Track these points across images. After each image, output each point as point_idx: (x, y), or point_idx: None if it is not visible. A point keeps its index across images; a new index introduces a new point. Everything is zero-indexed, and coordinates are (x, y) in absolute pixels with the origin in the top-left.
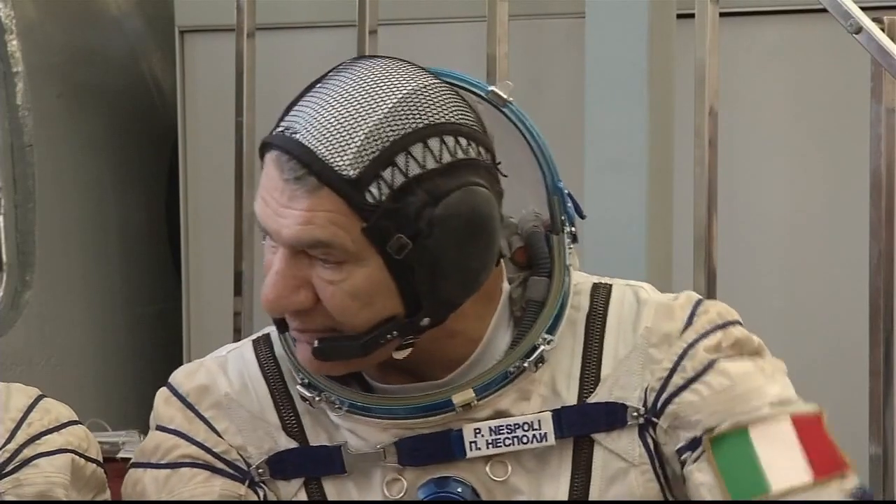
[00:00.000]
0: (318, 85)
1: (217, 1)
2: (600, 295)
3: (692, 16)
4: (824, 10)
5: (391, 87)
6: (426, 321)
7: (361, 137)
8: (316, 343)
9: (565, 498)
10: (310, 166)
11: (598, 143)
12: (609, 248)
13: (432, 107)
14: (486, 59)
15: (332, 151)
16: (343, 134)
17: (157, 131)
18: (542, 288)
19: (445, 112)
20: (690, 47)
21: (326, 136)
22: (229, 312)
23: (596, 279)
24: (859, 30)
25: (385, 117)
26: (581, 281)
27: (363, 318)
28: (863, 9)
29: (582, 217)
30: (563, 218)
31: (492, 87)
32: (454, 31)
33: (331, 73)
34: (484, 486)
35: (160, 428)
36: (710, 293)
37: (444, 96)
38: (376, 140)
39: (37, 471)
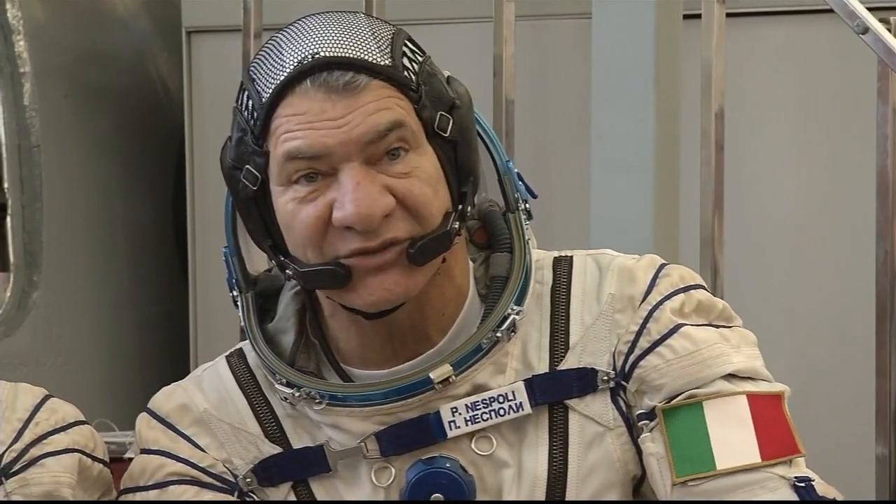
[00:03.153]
0: (284, 37)
1: (224, 1)
2: (562, 267)
3: (699, 16)
4: (831, 11)
5: (349, 14)
6: (469, 210)
7: (370, 37)
8: (411, 251)
9: (545, 465)
10: (354, 67)
11: (605, 143)
12: (615, 247)
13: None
14: (492, 59)
15: (363, 51)
16: (359, 36)
17: (163, 132)
18: (505, 262)
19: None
20: (697, 48)
21: (347, 43)
22: (236, 312)
23: (556, 253)
24: (866, 30)
25: (370, 25)
26: (542, 256)
27: (437, 207)
28: (869, 9)
29: (534, 197)
30: (516, 195)
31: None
32: (461, 32)
33: (282, 33)
34: (471, 462)
35: (144, 451)
36: (716, 293)
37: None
38: (382, 39)
39: (43, 470)
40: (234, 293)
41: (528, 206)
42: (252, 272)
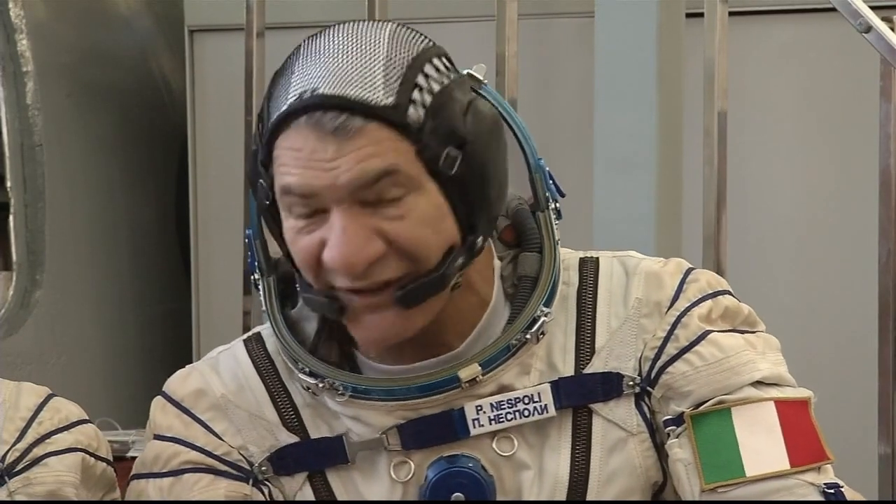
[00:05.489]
0: (301, 55)
1: (226, 1)
2: (588, 269)
3: (701, 15)
4: (834, 10)
5: (373, 29)
6: (480, 241)
7: (381, 70)
8: (398, 293)
9: (567, 469)
10: (349, 109)
11: (608, 141)
12: (618, 246)
13: (415, 35)
14: (495, 58)
15: (362, 89)
16: (362, 72)
17: (166, 131)
18: (534, 262)
19: (425, 39)
20: (700, 46)
21: (348, 79)
22: (239, 312)
23: (582, 254)
24: (869, 29)
25: (388, 49)
26: (567, 256)
27: (435, 246)
28: (872, 8)
29: (562, 195)
30: (546, 195)
31: (467, 70)
32: (464, 31)
33: (303, 45)
34: (491, 463)
35: (158, 437)
36: None
37: (414, 30)
38: (394, 68)
39: (47, 470)
40: (256, 276)
41: (557, 205)
42: (273, 255)
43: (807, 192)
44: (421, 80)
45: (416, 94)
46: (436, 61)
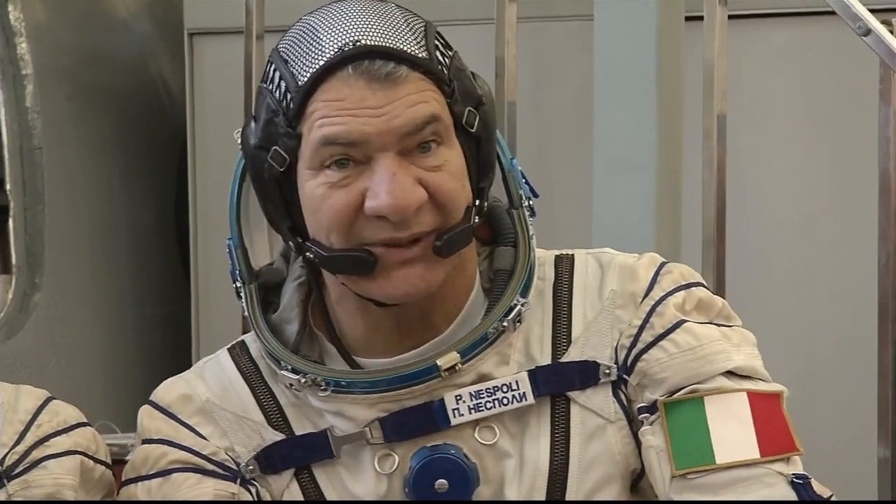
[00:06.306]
0: (317, 21)
1: (226, 4)
2: (564, 264)
3: (701, 18)
4: (833, 13)
5: (381, 2)
6: (485, 205)
7: (407, 29)
8: (437, 243)
9: (547, 456)
10: (396, 57)
11: (607, 144)
12: (617, 248)
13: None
14: (494, 61)
15: (402, 42)
16: (397, 27)
17: (165, 133)
18: (509, 257)
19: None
20: (699, 49)
21: (387, 33)
22: (238, 314)
23: (557, 251)
24: (868, 32)
25: (403, 16)
26: (543, 255)
27: (463, 201)
28: (871, 11)
29: (535, 196)
30: (519, 193)
31: None
32: (463, 33)
33: (313, 16)
34: (473, 451)
35: (146, 441)
36: (719, 294)
37: None
38: (417, 31)
39: (45, 472)
40: (238, 284)
41: (531, 203)
42: (254, 266)
43: (806, 195)
44: (440, 43)
45: (438, 54)
46: (438, 35)
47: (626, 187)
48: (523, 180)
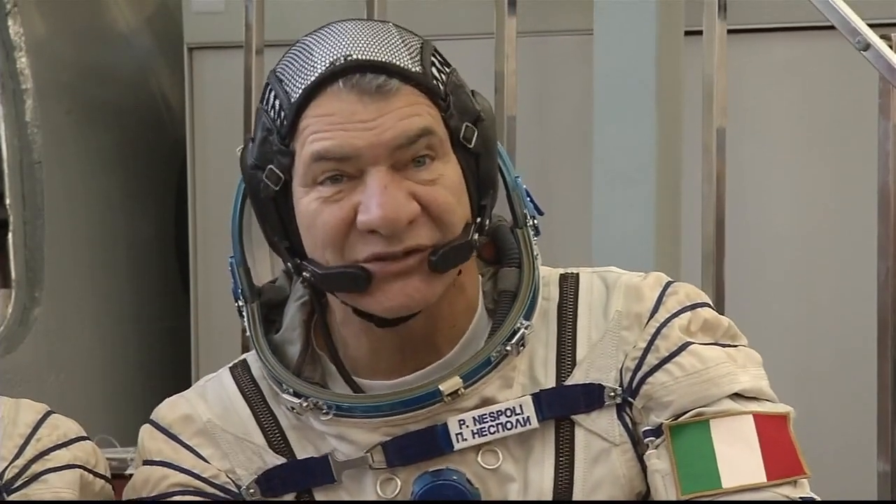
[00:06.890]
0: (313, 40)
1: (226, 18)
2: (569, 284)
3: (700, 32)
4: (832, 28)
5: (378, 22)
6: (487, 223)
7: (401, 44)
8: (433, 257)
9: (551, 481)
10: (387, 71)
11: (607, 158)
12: (617, 262)
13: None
14: (494, 75)
15: (394, 56)
16: (390, 42)
17: (165, 148)
18: (514, 277)
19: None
20: (698, 63)
21: (380, 47)
22: (238, 329)
23: (562, 270)
24: (867, 47)
25: (399, 32)
26: (547, 273)
27: (459, 215)
28: (871, 26)
29: (540, 214)
30: (524, 212)
31: None
32: (463, 48)
33: (310, 38)
34: (476, 476)
35: (147, 462)
36: (719, 308)
37: None
38: (412, 47)
39: (45, 486)
40: (240, 303)
41: (535, 222)
42: (257, 283)
43: (806, 209)
44: (435, 60)
45: (434, 70)
46: (436, 52)
47: (626, 201)
48: (528, 198)
